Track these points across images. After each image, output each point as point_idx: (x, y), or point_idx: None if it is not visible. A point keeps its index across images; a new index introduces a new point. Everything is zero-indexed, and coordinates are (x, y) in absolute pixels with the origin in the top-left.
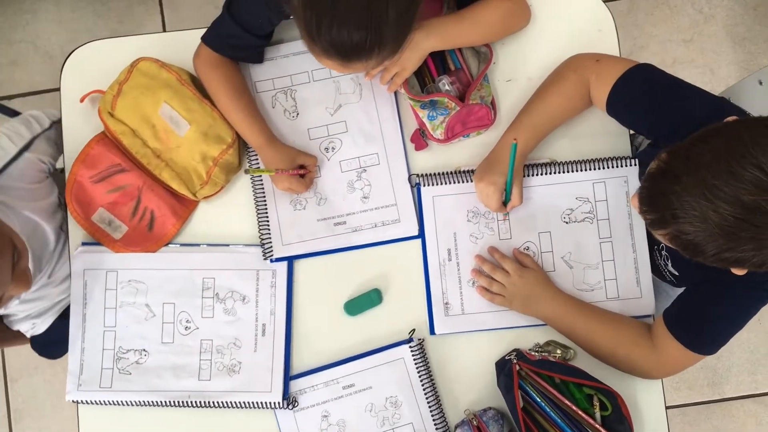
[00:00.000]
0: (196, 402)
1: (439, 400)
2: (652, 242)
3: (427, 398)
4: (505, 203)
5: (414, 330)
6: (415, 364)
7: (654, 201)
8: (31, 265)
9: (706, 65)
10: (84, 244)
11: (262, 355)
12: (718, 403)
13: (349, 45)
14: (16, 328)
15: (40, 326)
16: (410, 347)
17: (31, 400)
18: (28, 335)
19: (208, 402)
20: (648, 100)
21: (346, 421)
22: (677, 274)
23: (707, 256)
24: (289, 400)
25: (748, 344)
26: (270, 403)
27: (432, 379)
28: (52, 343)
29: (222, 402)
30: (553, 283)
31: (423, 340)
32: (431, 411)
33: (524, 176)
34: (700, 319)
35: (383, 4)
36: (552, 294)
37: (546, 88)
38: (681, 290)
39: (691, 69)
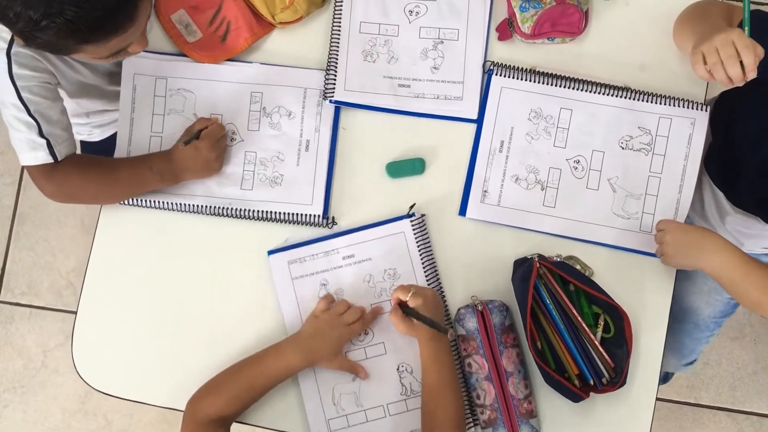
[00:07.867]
0: (236, 210)
1: (438, 277)
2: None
3: (426, 274)
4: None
5: (414, 204)
6: (415, 238)
7: None
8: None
9: None
10: None
11: (305, 169)
12: (691, 407)
13: None
14: (75, 131)
15: (98, 136)
16: (411, 222)
17: (39, 210)
18: (81, 139)
19: (249, 211)
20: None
21: (344, 290)
22: None
23: None
24: (328, 219)
25: (737, 360)
26: (310, 215)
27: (431, 255)
28: (101, 152)
29: (263, 212)
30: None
31: (424, 215)
32: (430, 287)
33: (596, 93)
34: None
35: None
36: (719, 241)
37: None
38: None
39: None
